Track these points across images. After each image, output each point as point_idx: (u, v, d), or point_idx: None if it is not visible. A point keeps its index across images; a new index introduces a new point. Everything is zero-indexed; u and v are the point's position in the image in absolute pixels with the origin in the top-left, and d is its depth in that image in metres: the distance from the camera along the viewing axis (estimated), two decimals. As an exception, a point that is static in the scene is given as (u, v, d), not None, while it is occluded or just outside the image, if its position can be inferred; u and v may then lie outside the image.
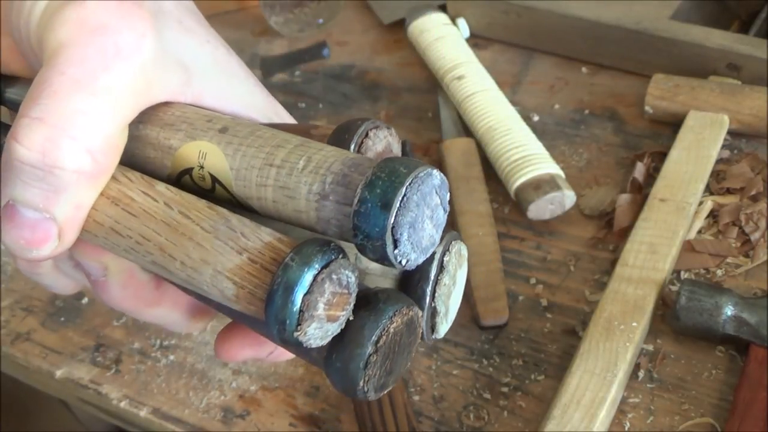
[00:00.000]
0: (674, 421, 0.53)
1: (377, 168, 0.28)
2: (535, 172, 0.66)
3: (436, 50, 0.81)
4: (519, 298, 0.63)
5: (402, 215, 0.27)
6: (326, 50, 0.88)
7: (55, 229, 0.32)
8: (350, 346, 0.29)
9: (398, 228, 0.28)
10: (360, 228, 0.28)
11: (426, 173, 0.28)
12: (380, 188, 0.27)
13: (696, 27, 0.74)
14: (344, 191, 0.28)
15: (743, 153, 0.68)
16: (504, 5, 0.82)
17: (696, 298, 0.55)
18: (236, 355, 0.38)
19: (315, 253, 0.28)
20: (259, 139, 0.32)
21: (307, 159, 0.30)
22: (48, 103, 0.30)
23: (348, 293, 0.29)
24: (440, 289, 0.33)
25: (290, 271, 0.27)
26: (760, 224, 0.62)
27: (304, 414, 0.59)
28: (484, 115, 0.73)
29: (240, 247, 0.30)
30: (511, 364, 0.59)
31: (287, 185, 0.30)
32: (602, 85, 0.78)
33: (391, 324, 0.29)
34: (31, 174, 0.31)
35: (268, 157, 0.31)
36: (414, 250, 0.29)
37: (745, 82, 0.70)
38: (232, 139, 0.32)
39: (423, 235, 0.29)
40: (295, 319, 0.27)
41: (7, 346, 0.68)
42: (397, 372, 0.31)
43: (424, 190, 0.28)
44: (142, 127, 0.34)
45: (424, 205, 0.28)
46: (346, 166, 0.29)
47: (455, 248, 0.33)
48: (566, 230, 0.67)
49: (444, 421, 0.57)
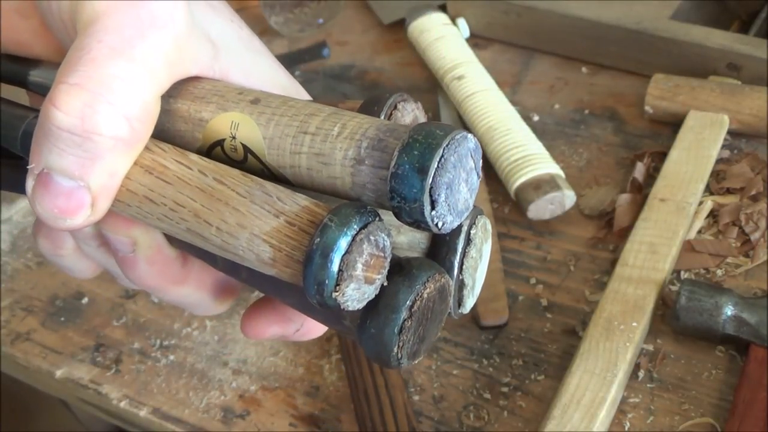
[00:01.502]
0: (674, 421, 0.53)
1: (413, 131, 0.28)
2: (535, 172, 0.66)
3: (436, 50, 0.81)
4: (519, 298, 0.63)
5: (440, 176, 0.27)
6: (326, 50, 0.88)
7: (89, 197, 0.32)
8: (385, 311, 0.29)
9: (436, 189, 0.27)
10: (397, 190, 0.28)
11: (462, 136, 0.28)
12: (417, 150, 0.27)
13: (696, 27, 0.74)
14: (380, 155, 0.28)
15: (743, 153, 0.68)
16: (504, 5, 0.82)
17: (696, 298, 0.55)
18: (263, 333, 0.38)
19: (353, 215, 0.28)
20: (291, 108, 0.31)
21: (342, 125, 0.30)
22: (86, 70, 0.30)
23: (384, 256, 0.29)
24: (467, 262, 0.33)
25: (329, 232, 0.27)
26: (760, 224, 0.62)
27: (304, 414, 0.59)
28: (484, 115, 0.73)
29: (277, 210, 0.29)
30: (511, 364, 0.59)
31: (322, 152, 0.30)
32: (602, 85, 0.78)
33: (424, 290, 0.29)
34: (68, 140, 0.31)
35: (302, 125, 0.30)
36: (450, 212, 0.29)
37: (745, 82, 0.70)
38: (264, 109, 0.32)
39: (459, 198, 0.29)
40: (333, 280, 0.27)
41: (7, 346, 0.68)
42: (429, 340, 0.31)
43: (461, 152, 0.28)
44: (173, 101, 0.34)
45: (460, 168, 0.28)
46: (381, 132, 0.29)
47: (481, 222, 0.33)
48: (566, 230, 0.67)
49: (444, 421, 0.57)
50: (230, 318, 0.66)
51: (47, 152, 0.31)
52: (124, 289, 0.71)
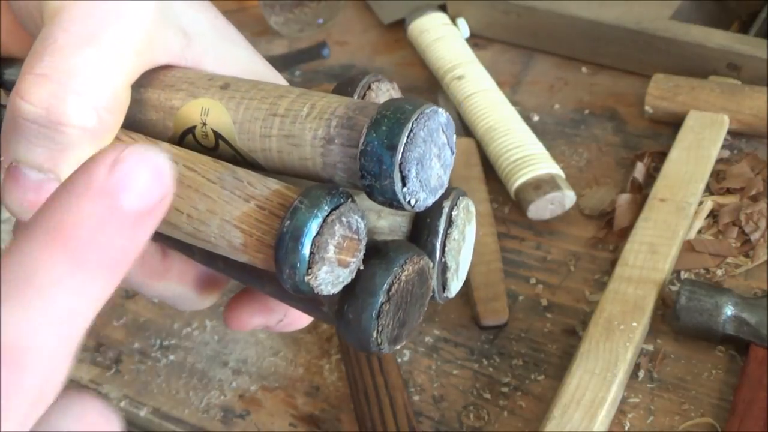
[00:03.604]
0: (674, 421, 0.53)
1: (382, 107, 0.27)
2: (535, 172, 0.66)
3: (436, 50, 0.81)
4: (519, 298, 0.63)
5: (409, 151, 0.27)
6: (326, 50, 0.88)
7: None
8: (362, 295, 0.28)
9: (406, 164, 0.27)
10: (367, 168, 0.27)
11: (432, 110, 0.28)
12: (386, 126, 0.27)
13: (696, 27, 0.74)
14: (349, 133, 0.28)
15: (743, 153, 0.68)
16: (504, 5, 0.82)
17: (696, 298, 0.55)
18: (246, 324, 0.37)
19: (324, 196, 0.27)
20: (261, 91, 0.31)
21: (311, 106, 0.29)
22: (52, 59, 0.30)
23: (358, 239, 0.28)
24: (450, 244, 0.32)
25: (299, 214, 0.27)
26: (760, 224, 0.62)
27: (304, 414, 0.59)
28: (484, 115, 0.73)
29: (247, 195, 0.29)
30: (511, 364, 0.59)
31: (292, 133, 0.29)
32: (602, 85, 0.78)
33: (402, 272, 0.29)
34: (35, 132, 0.30)
35: (272, 107, 0.30)
36: (423, 188, 0.28)
37: (745, 82, 0.70)
38: (234, 93, 0.31)
39: (431, 173, 0.28)
40: (305, 262, 0.27)
41: (7, 346, 0.68)
42: (410, 324, 0.31)
43: (431, 126, 0.28)
44: (143, 90, 0.34)
45: (431, 142, 0.28)
46: (350, 110, 0.28)
47: (463, 204, 0.33)
48: (566, 230, 0.67)
49: (444, 421, 0.57)
50: (230, 318, 0.66)
51: (15, 144, 0.31)
52: (124, 289, 0.71)
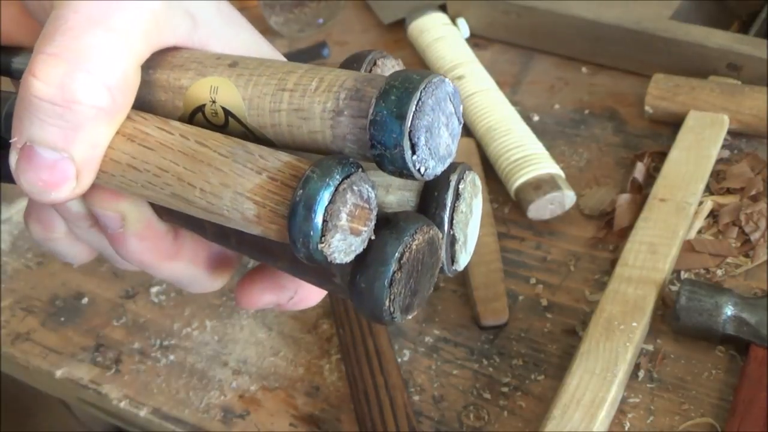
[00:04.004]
0: (674, 421, 0.53)
1: (390, 78, 0.28)
2: (535, 172, 0.66)
3: (436, 50, 0.81)
4: (519, 298, 0.63)
5: (418, 119, 0.27)
6: (326, 50, 0.88)
7: (73, 168, 0.32)
8: (374, 264, 0.29)
9: (415, 132, 0.27)
10: (376, 137, 0.28)
11: (439, 80, 0.28)
12: (395, 95, 0.27)
13: (696, 27, 0.74)
14: (358, 104, 0.28)
15: (743, 153, 0.68)
16: (504, 5, 0.82)
17: (696, 298, 0.55)
18: (257, 301, 0.37)
19: (335, 165, 0.28)
20: (269, 68, 0.31)
21: (320, 80, 0.30)
22: (64, 40, 0.30)
23: (369, 208, 0.29)
24: (458, 216, 0.33)
25: (311, 183, 0.27)
26: (760, 224, 0.62)
27: (304, 414, 0.59)
28: (484, 115, 0.73)
29: (259, 167, 0.29)
30: (511, 364, 0.59)
31: (301, 107, 0.30)
32: (602, 85, 0.78)
33: (413, 241, 0.29)
34: (49, 111, 0.31)
35: (280, 82, 0.30)
36: (432, 156, 0.29)
37: (745, 82, 0.70)
38: (242, 71, 0.32)
39: (440, 142, 0.29)
40: (318, 230, 0.27)
41: (7, 346, 0.68)
42: (421, 294, 0.31)
43: (439, 95, 0.28)
44: (152, 71, 0.34)
45: (439, 111, 0.28)
46: (358, 82, 0.29)
47: (469, 177, 0.33)
48: (566, 230, 0.67)
49: (444, 421, 0.57)
50: (230, 318, 0.66)
51: (29, 124, 0.31)
52: (125, 288, 0.71)
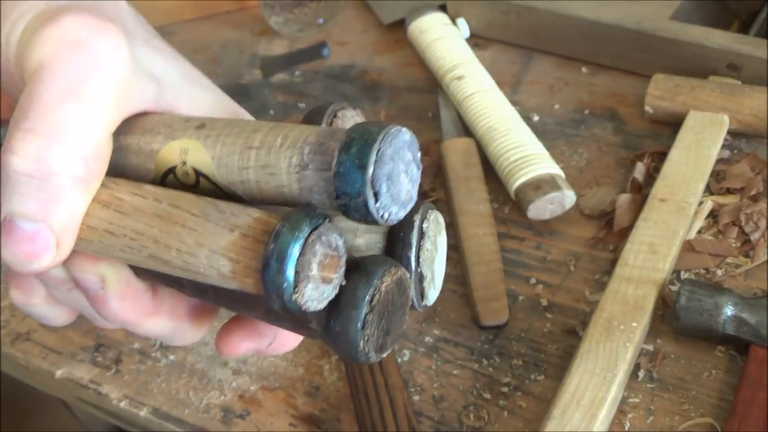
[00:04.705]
0: (674, 421, 0.53)
1: (350, 131, 0.30)
2: (535, 172, 0.66)
3: (436, 50, 0.81)
4: (519, 298, 0.63)
5: (379, 169, 0.29)
6: (326, 50, 0.88)
7: (53, 238, 0.33)
8: (346, 308, 0.31)
9: (377, 181, 0.29)
10: (341, 188, 0.29)
11: (396, 130, 0.30)
12: (355, 147, 0.29)
13: (696, 27, 0.74)
14: (322, 158, 0.30)
15: (743, 153, 0.68)
16: (504, 5, 0.82)
17: (696, 298, 0.55)
18: (237, 349, 0.39)
19: (303, 218, 0.29)
20: (236, 128, 0.33)
21: (284, 136, 0.31)
22: (38, 114, 0.32)
23: (338, 255, 0.31)
24: (423, 254, 0.34)
25: (282, 237, 0.29)
26: (760, 224, 0.62)
27: (304, 414, 0.59)
28: (484, 115, 0.73)
29: (231, 225, 0.31)
30: (511, 364, 0.59)
31: (268, 163, 0.31)
32: (602, 85, 0.78)
33: (382, 284, 0.31)
34: (27, 184, 0.32)
35: (247, 141, 0.32)
36: (394, 202, 0.31)
37: (745, 82, 0.70)
38: (210, 132, 0.34)
39: (401, 188, 0.31)
40: (291, 282, 0.29)
41: (7, 346, 0.68)
42: (394, 333, 0.33)
43: (397, 144, 0.30)
44: (123, 137, 0.36)
45: (398, 159, 0.30)
46: (321, 136, 0.31)
47: (432, 216, 0.35)
48: (566, 230, 0.67)
49: (444, 421, 0.57)
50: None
51: (8, 199, 0.32)
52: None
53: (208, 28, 1.00)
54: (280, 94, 0.88)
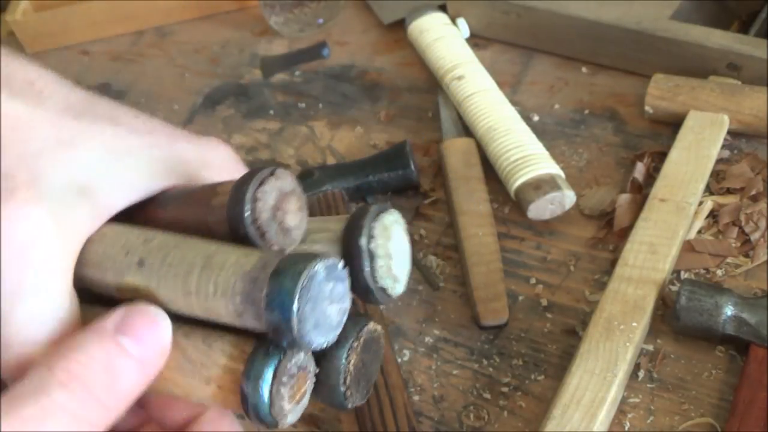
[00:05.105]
0: (674, 421, 0.53)
1: (269, 290, 0.32)
2: (535, 172, 0.66)
3: (436, 50, 0.81)
4: (519, 298, 0.63)
5: (301, 317, 0.32)
6: (326, 50, 0.88)
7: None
8: (326, 392, 0.36)
9: (303, 325, 0.32)
10: (275, 336, 0.33)
11: (311, 273, 0.32)
12: (277, 303, 0.32)
13: (696, 27, 0.74)
14: (253, 309, 0.33)
15: (743, 153, 0.68)
16: (504, 5, 0.82)
17: (696, 298, 0.55)
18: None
19: (264, 365, 0.33)
20: (171, 268, 0.35)
21: (215, 284, 0.34)
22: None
23: (305, 370, 0.35)
24: (379, 272, 0.36)
25: (250, 397, 0.33)
26: (760, 224, 0.62)
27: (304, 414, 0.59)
28: (484, 115, 0.73)
29: (205, 378, 0.35)
30: (511, 364, 0.59)
31: (209, 308, 0.34)
32: (602, 85, 0.78)
33: (349, 364, 0.36)
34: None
35: (185, 286, 0.35)
36: (325, 335, 0.34)
37: (745, 82, 0.70)
38: (150, 274, 0.36)
39: (327, 319, 0.34)
40: (273, 421, 0.34)
41: (7, 346, 0.68)
42: (373, 373, 0.38)
43: (313, 290, 0.32)
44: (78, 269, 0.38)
45: (320, 299, 0.33)
46: (246, 283, 0.33)
47: (377, 230, 0.36)
48: (566, 230, 0.67)
49: (444, 421, 0.57)
50: (230, 318, 0.66)
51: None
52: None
53: (208, 28, 1.00)
54: (280, 94, 0.88)
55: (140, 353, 0.33)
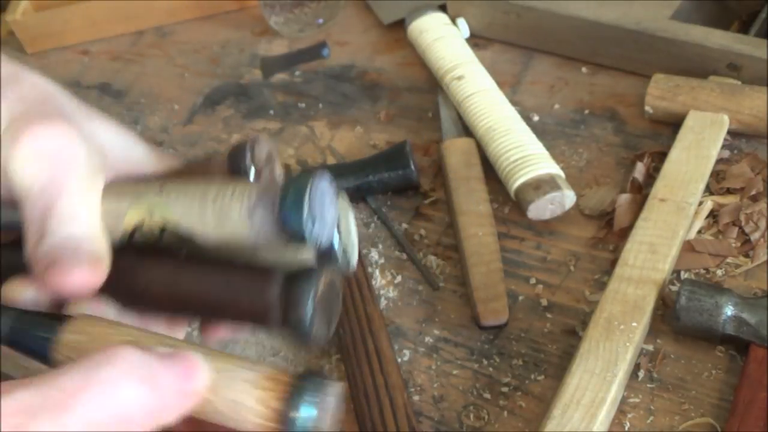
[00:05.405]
0: (674, 421, 0.53)
1: (283, 190, 0.37)
2: (535, 172, 0.66)
3: (436, 50, 0.81)
4: (519, 298, 0.63)
5: (312, 209, 0.37)
6: (326, 50, 0.88)
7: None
8: (294, 318, 0.37)
9: (314, 221, 0.37)
10: (286, 224, 0.37)
11: (318, 176, 0.38)
12: (291, 196, 0.37)
13: (696, 27, 0.74)
14: (270, 198, 0.37)
15: (743, 153, 0.68)
16: (504, 5, 0.82)
17: (696, 298, 0.55)
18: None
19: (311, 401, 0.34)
20: (190, 185, 0.40)
21: (233, 189, 0.39)
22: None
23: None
24: (343, 240, 0.42)
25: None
26: (760, 224, 0.62)
27: (304, 414, 0.59)
28: (484, 115, 0.73)
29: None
30: (511, 364, 0.59)
31: (223, 208, 0.38)
32: (602, 85, 0.78)
33: (317, 291, 0.37)
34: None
35: (203, 195, 0.39)
36: (324, 227, 0.38)
37: (745, 82, 0.70)
38: (170, 191, 0.40)
39: (327, 216, 0.38)
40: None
41: (7, 346, 0.68)
42: (334, 315, 0.40)
43: (318, 191, 0.38)
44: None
45: (321, 198, 0.38)
46: (261, 187, 0.38)
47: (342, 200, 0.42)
48: (566, 230, 0.67)
49: (444, 421, 0.57)
50: (230, 318, 0.66)
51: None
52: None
53: (208, 28, 1.00)
54: (280, 94, 0.88)
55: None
